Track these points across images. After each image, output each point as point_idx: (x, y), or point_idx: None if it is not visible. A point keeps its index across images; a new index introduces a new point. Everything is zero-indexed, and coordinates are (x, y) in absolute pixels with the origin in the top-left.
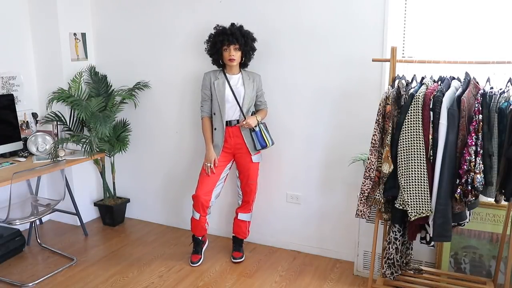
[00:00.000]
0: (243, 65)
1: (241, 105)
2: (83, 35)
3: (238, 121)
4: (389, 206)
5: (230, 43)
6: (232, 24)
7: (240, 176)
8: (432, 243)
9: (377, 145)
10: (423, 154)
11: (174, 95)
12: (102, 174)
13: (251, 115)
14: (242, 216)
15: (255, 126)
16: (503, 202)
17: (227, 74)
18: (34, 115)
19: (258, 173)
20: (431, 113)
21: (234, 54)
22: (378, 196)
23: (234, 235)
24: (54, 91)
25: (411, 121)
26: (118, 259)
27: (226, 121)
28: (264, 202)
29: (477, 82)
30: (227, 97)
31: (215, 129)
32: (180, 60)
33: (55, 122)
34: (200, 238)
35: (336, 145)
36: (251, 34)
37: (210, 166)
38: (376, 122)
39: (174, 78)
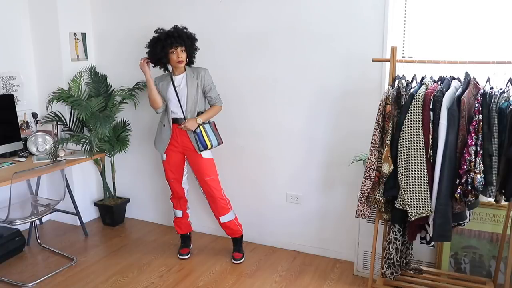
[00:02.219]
0: (188, 63)
1: (182, 106)
2: (83, 35)
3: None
4: (389, 206)
5: (178, 45)
6: (175, 27)
7: (196, 175)
8: (432, 243)
9: (377, 145)
10: (423, 154)
11: None
12: (102, 174)
13: (197, 115)
14: (224, 219)
15: (196, 128)
16: (503, 202)
17: (173, 76)
18: (34, 115)
19: (217, 170)
20: (431, 113)
21: (181, 55)
22: (378, 196)
23: (229, 236)
24: (54, 91)
25: (411, 121)
26: (118, 259)
27: (174, 119)
28: (264, 202)
29: (477, 82)
30: (170, 98)
31: (164, 125)
32: None
33: (55, 122)
34: (187, 234)
35: (336, 145)
36: (193, 35)
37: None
38: (376, 122)
39: None
